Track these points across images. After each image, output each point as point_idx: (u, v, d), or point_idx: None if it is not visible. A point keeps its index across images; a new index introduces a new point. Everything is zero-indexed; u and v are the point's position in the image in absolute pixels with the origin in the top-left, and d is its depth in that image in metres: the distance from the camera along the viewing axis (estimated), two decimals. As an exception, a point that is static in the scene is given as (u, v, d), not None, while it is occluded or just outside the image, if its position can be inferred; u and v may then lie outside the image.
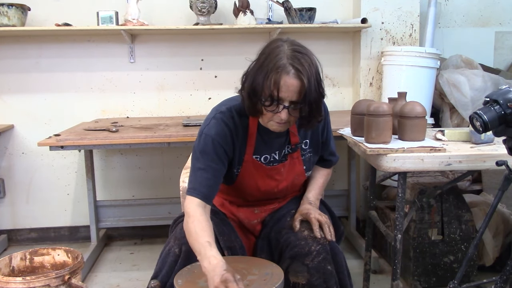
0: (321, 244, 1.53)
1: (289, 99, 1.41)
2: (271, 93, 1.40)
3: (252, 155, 1.60)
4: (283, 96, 1.40)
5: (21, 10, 2.83)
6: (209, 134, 1.52)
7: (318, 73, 1.44)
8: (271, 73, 1.39)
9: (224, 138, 1.53)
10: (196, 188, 1.49)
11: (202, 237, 1.40)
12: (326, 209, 1.80)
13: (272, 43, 1.47)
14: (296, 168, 1.67)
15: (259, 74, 1.42)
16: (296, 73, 1.38)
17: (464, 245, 2.40)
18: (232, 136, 1.55)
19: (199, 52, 3.20)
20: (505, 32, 3.45)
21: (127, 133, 2.51)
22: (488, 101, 1.51)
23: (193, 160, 1.54)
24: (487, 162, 1.77)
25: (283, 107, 1.42)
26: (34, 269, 2.06)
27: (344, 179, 3.38)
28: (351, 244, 3.09)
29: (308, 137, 1.67)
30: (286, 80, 1.38)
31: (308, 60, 1.42)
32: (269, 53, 1.43)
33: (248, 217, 1.74)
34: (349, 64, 3.32)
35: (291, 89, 1.39)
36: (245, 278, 1.38)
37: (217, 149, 1.52)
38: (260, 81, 1.41)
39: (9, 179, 3.20)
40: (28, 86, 3.13)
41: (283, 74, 1.38)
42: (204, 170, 1.50)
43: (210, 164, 1.51)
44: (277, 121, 1.46)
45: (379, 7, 3.11)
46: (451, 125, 2.95)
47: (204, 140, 1.52)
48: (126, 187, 3.28)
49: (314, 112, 1.47)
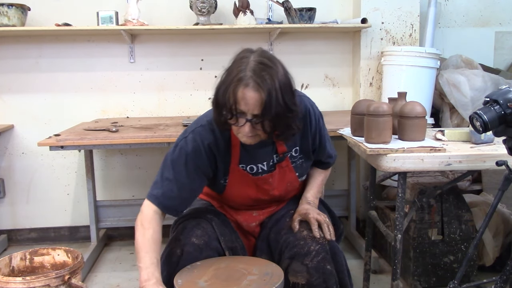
0: (320, 244, 1.53)
1: (250, 113, 1.36)
2: (231, 106, 1.36)
3: (237, 165, 1.59)
4: (243, 109, 1.36)
5: (21, 10, 2.83)
6: (183, 148, 1.53)
7: (284, 86, 1.37)
8: (231, 86, 1.35)
9: (199, 155, 1.52)
10: (158, 197, 1.52)
11: (154, 251, 1.46)
12: (325, 208, 1.80)
13: (240, 53, 1.43)
14: (287, 176, 1.65)
15: (221, 86, 1.39)
16: (256, 86, 1.32)
17: (464, 245, 2.40)
18: (212, 150, 1.54)
19: (199, 52, 3.20)
20: (505, 32, 3.45)
21: (127, 133, 2.51)
22: (488, 101, 1.51)
23: (163, 167, 1.54)
24: (487, 162, 1.77)
25: (245, 121, 1.38)
26: (34, 269, 2.06)
27: (344, 179, 3.38)
28: (351, 244, 3.09)
29: (298, 144, 1.63)
30: (245, 93, 1.33)
31: (272, 72, 1.35)
32: (234, 64, 1.39)
33: (247, 220, 1.73)
34: (349, 64, 3.32)
35: (250, 102, 1.34)
36: (245, 278, 1.38)
37: (189, 165, 1.52)
38: (221, 94, 1.38)
39: (9, 179, 3.20)
40: (28, 86, 3.13)
41: (242, 86, 1.33)
42: (170, 181, 1.52)
43: (178, 177, 1.51)
44: (244, 134, 1.42)
45: (379, 7, 3.10)
46: (451, 125, 2.95)
47: (179, 153, 1.53)
48: (126, 187, 3.28)
49: (280, 127, 1.40)
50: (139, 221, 1.52)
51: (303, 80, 3.26)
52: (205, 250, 1.55)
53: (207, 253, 1.55)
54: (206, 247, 1.55)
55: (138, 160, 3.26)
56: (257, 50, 1.43)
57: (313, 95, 3.26)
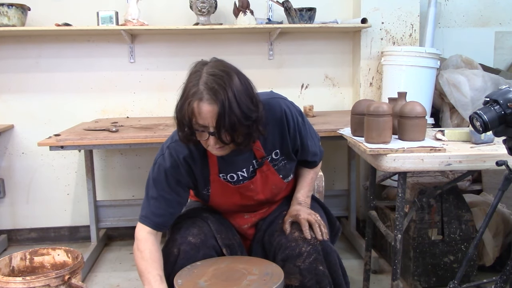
0: (311, 245, 1.52)
1: (211, 125, 1.34)
2: (189, 122, 1.35)
3: (217, 175, 1.58)
4: (202, 123, 1.34)
5: (21, 10, 2.83)
6: (162, 165, 1.54)
7: (239, 95, 1.34)
8: (186, 102, 1.34)
9: (177, 169, 1.53)
10: (148, 216, 1.54)
11: (155, 268, 1.47)
12: (320, 206, 1.79)
13: (194, 67, 1.41)
14: (271, 179, 1.62)
15: (179, 102, 1.38)
16: (210, 99, 1.31)
17: (464, 245, 2.40)
18: (188, 163, 1.54)
19: (199, 52, 3.20)
20: (505, 32, 3.45)
21: (127, 133, 2.51)
22: (488, 101, 1.51)
23: (147, 187, 1.57)
24: (487, 162, 1.77)
25: (208, 135, 1.37)
26: (34, 269, 2.06)
27: (344, 179, 3.38)
28: (351, 244, 3.09)
29: (278, 147, 1.59)
30: (201, 107, 1.32)
31: (225, 83, 1.33)
32: (188, 79, 1.39)
33: (239, 223, 1.72)
34: (349, 64, 3.32)
35: (208, 115, 1.32)
36: (245, 278, 1.38)
37: (170, 181, 1.53)
38: (179, 110, 1.37)
39: (9, 179, 3.20)
40: (28, 86, 3.13)
41: (197, 101, 1.32)
42: (156, 199, 1.54)
43: (163, 194, 1.54)
44: (211, 147, 1.41)
45: (379, 7, 3.10)
46: (451, 125, 2.95)
47: (158, 170, 1.55)
48: (126, 187, 3.28)
49: (239, 136, 1.37)
50: (135, 246, 1.54)
51: (303, 80, 3.26)
52: (202, 249, 1.55)
53: (204, 251, 1.55)
54: (203, 246, 1.55)
55: (138, 160, 3.26)
56: (210, 61, 1.41)
57: (313, 95, 3.26)
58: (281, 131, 1.57)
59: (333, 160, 3.36)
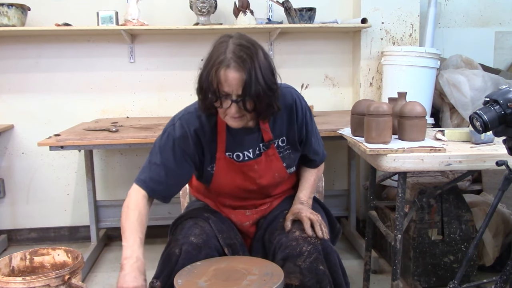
0: (312, 244, 1.52)
1: (235, 93, 1.40)
2: (215, 88, 1.40)
3: (224, 153, 1.60)
4: (227, 90, 1.39)
5: (21, 10, 2.83)
6: (171, 134, 1.57)
7: (265, 66, 1.41)
8: (213, 69, 1.39)
9: (186, 141, 1.56)
10: (146, 181, 1.57)
11: (139, 231, 1.50)
12: (321, 208, 1.79)
13: (219, 39, 1.46)
14: (274, 165, 1.65)
15: (204, 71, 1.43)
16: (237, 66, 1.37)
17: (464, 245, 2.40)
18: (198, 136, 1.57)
19: (199, 52, 3.14)
20: (505, 32, 3.45)
21: (127, 133, 2.51)
22: (488, 101, 1.51)
23: (151, 153, 1.58)
24: (487, 162, 1.77)
25: (231, 102, 1.41)
26: (34, 269, 2.06)
27: (344, 179, 3.38)
28: (351, 244, 3.09)
29: (285, 134, 1.64)
30: (227, 73, 1.37)
31: (252, 53, 1.40)
32: (214, 50, 1.43)
33: (240, 219, 1.72)
34: (349, 64, 3.32)
35: (233, 82, 1.38)
36: (245, 278, 1.38)
37: (176, 151, 1.55)
38: (204, 78, 1.42)
39: (9, 179, 3.20)
40: (28, 86, 3.13)
41: (224, 68, 1.37)
42: (158, 166, 1.55)
43: (166, 162, 1.55)
44: (231, 115, 1.45)
45: (379, 7, 3.10)
46: (451, 125, 2.95)
47: (166, 139, 1.57)
48: (126, 187, 3.23)
49: (261, 105, 1.43)
50: (125, 204, 1.55)
51: (303, 80, 3.26)
52: (204, 249, 1.54)
53: (206, 251, 1.54)
54: (205, 246, 1.55)
55: (138, 160, 3.26)
56: (236, 34, 1.46)
57: (313, 95, 3.25)
58: (289, 118, 1.62)
59: (333, 160, 3.36)
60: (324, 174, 2.07)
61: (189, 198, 1.97)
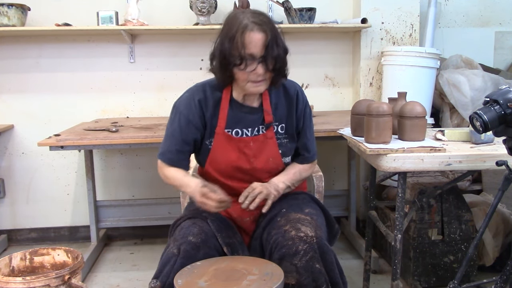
0: (308, 243, 1.52)
1: (260, 54, 1.52)
2: (241, 52, 1.51)
3: (223, 129, 1.69)
4: (253, 52, 1.52)
5: (21, 10, 2.83)
6: (177, 107, 1.71)
7: (279, 31, 1.59)
8: (237, 34, 1.51)
9: (190, 110, 1.67)
10: (164, 153, 1.71)
11: (179, 174, 1.68)
12: (319, 207, 1.79)
13: (230, 14, 1.61)
14: (270, 148, 1.71)
15: (225, 40, 1.54)
16: (260, 28, 1.52)
17: (464, 245, 2.40)
18: (201, 107, 1.68)
19: (199, 52, 3.20)
20: (505, 32, 3.45)
21: (127, 133, 2.51)
22: (488, 101, 1.51)
23: (166, 128, 1.73)
24: (487, 162, 1.77)
25: (257, 63, 1.53)
26: (34, 269, 2.06)
27: (344, 179, 3.38)
28: (351, 244, 3.09)
29: (284, 122, 1.73)
30: (252, 36, 1.51)
31: (268, 18, 1.58)
32: (230, 21, 1.56)
33: (240, 215, 1.74)
34: (349, 64, 3.32)
35: (258, 43, 1.51)
36: (245, 278, 1.38)
37: (182, 121, 1.68)
38: (227, 46, 1.53)
39: (9, 179, 3.20)
40: (28, 86, 3.13)
41: (248, 31, 1.51)
42: (168, 138, 1.71)
43: (174, 133, 1.69)
44: (253, 79, 1.56)
45: (379, 7, 3.11)
46: (451, 125, 2.95)
47: (174, 112, 1.71)
48: (126, 187, 3.28)
49: (279, 66, 1.58)
50: (163, 177, 1.74)
51: (303, 80, 3.26)
52: (202, 248, 1.55)
53: (204, 250, 1.55)
54: (204, 245, 1.55)
55: (138, 160, 3.26)
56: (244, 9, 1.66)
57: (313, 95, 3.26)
58: (290, 108, 1.74)
59: (333, 160, 3.36)
60: (324, 174, 2.07)
61: (189, 198, 1.97)
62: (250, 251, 1.70)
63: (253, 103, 1.70)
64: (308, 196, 1.82)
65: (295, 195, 1.80)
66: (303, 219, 1.61)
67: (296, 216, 1.63)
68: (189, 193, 1.64)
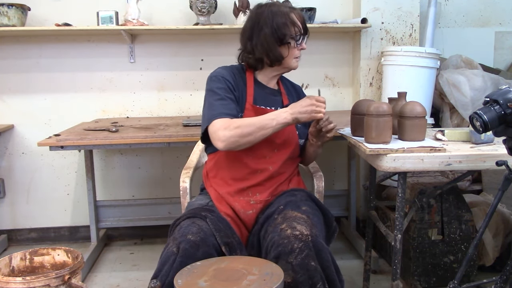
0: (303, 242, 1.53)
1: (303, 29, 1.80)
2: (295, 30, 1.77)
3: (251, 103, 1.82)
4: (299, 29, 1.78)
5: (21, 10, 2.83)
6: (219, 74, 1.80)
7: None
8: (286, 16, 1.76)
9: (231, 78, 1.80)
10: (221, 112, 1.70)
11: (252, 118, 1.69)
12: (317, 206, 1.79)
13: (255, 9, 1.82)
14: (289, 127, 1.80)
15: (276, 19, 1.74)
16: (297, 9, 1.83)
17: (464, 245, 2.40)
18: (236, 81, 1.81)
19: (199, 52, 3.20)
20: (505, 32, 3.45)
21: (127, 133, 2.51)
22: (488, 101, 1.51)
23: (209, 97, 1.77)
24: (487, 162, 1.77)
25: (305, 38, 1.83)
26: (34, 269, 2.06)
27: (344, 179, 3.38)
28: (351, 244, 3.09)
29: None
30: (297, 16, 1.80)
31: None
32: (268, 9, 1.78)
33: (244, 207, 1.77)
34: (349, 64, 3.32)
35: (301, 20, 1.81)
36: (245, 278, 1.38)
37: (228, 85, 1.77)
38: (281, 28, 1.75)
39: (9, 179, 3.21)
40: (28, 86, 3.14)
41: (293, 13, 1.79)
42: (222, 99, 1.73)
43: (226, 94, 1.75)
44: (297, 56, 1.83)
45: (379, 7, 3.11)
46: (451, 125, 2.95)
47: (216, 79, 1.79)
48: (126, 187, 3.28)
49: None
50: (233, 128, 1.64)
51: (303, 80, 3.26)
52: (201, 247, 1.55)
53: (203, 249, 1.55)
54: (203, 244, 1.56)
55: (138, 160, 3.26)
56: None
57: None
58: (298, 97, 1.95)
59: (333, 160, 3.36)
60: (324, 174, 2.08)
61: (189, 198, 1.98)
62: (248, 247, 1.72)
63: (274, 86, 1.91)
64: (306, 193, 1.83)
65: (293, 192, 1.82)
66: (299, 218, 1.62)
67: (292, 215, 1.64)
68: (282, 120, 1.65)
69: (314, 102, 1.66)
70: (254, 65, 1.85)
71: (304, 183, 1.98)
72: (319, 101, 1.67)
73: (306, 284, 1.48)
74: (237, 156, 1.79)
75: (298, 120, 1.67)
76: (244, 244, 1.73)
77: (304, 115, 1.66)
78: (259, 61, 1.82)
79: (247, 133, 1.63)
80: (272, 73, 1.88)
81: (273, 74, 1.88)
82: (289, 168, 1.88)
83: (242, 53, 1.88)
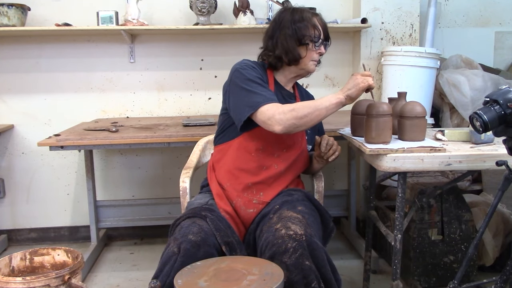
0: (297, 241, 1.54)
1: (323, 35, 1.86)
2: (314, 33, 1.83)
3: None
4: (321, 33, 1.84)
5: (21, 10, 2.83)
6: (249, 63, 1.83)
7: None
8: (308, 22, 1.81)
9: (259, 69, 1.84)
10: (267, 98, 1.71)
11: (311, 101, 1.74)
12: (314, 206, 1.80)
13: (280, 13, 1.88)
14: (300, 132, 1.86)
15: (298, 21, 1.80)
16: (319, 16, 1.89)
17: (464, 245, 2.40)
18: (262, 73, 1.84)
19: (199, 52, 3.20)
20: (505, 32, 3.45)
21: (127, 133, 2.51)
22: (488, 101, 1.51)
23: (245, 85, 1.74)
24: (487, 162, 1.77)
25: (324, 43, 1.88)
26: (34, 269, 2.06)
27: (344, 179, 3.38)
28: (351, 244, 3.09)
29: None
30: (319, 21, 1.86)
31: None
32: (291, 13, 1.84)
33: (246, 205, 1.80)
34: (349, 64, 3.32)
35: (323, 26, 1.87)
36: (245, 278, 1.38)
37: (260, 73, 1.81)
38: (302, 32, 1.81)
39: (9, 179, 3.21)
40: (28, 86, 3.14)
41: (315, 18, 1.84)
42: (261, 85, 1.75)
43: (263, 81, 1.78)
44: (316, 59, 1.88)
45: (379, 7, 3.11)
46: (451, 125, 2.95)
47: (248, 67, 1.80)
48: (126, 187, 3.28)
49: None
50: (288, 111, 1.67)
51: (303, 80, 3.25)
52: (202, 247, 1.55)
53: (204, 249, 1.55)
54: (204, 244, 1.56)
55: (138, 160, 3.26)
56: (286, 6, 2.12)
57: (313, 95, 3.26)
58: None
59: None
60: (324, 174, 2.08)
61: (189, 198, 1.98)
62: (245, 245, 1.73)
63: (290, 90, 1.96)
64: (303, 193, 1.84)
65: (290, 192, 1.82)
66: (294, 218, 1.63)
67: (288, 214, 1.65)
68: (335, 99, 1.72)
69: (359, 76, 1.73)
70: (274, 64, 1.89)
71: (304, 183, 1.99)
72: (365, 75, 1.73)
73: (301, 284, 1.48)
74: (247, 149, 1.82)
75: (351, 97, 1.72)
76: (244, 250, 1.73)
77: (353, 90, 1.71)
78: (278, 60, 1.86)
79: (303, 114, 1.67)
80: (290, 75, 1.92)
81: (291, 76, 1.93)
82: (292, 172, 1.90)
83: (263, 51, 1.93)
